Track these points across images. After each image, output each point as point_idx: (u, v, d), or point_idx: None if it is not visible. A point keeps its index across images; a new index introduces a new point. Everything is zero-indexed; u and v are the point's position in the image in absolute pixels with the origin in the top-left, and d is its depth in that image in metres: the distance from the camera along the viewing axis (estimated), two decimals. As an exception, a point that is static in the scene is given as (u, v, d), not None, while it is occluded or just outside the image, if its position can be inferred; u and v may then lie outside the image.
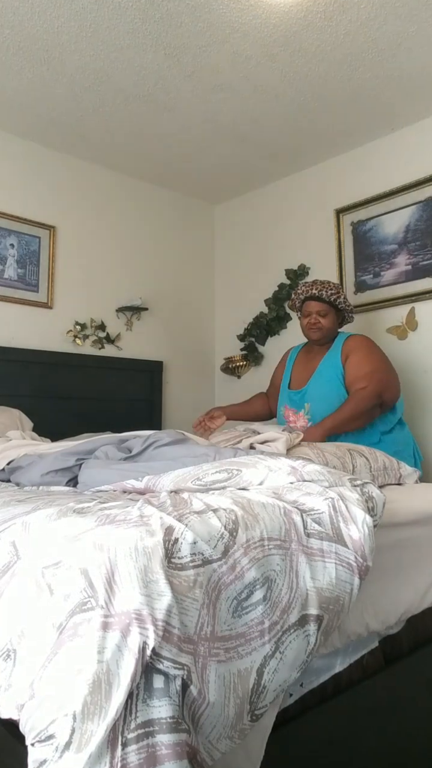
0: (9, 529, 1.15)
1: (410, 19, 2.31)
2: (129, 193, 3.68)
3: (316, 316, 2.53)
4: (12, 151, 3.19)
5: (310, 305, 2.54)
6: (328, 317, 2.53)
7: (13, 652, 0.94)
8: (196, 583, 0.93)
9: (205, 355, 4.02)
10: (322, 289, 2.51)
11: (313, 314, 2.54)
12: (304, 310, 2.58)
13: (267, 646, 0.98)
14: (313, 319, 2.53)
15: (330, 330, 2.56)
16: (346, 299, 2.56)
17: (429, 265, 2.96)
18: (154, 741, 0.80)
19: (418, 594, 1.51)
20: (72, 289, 3.36)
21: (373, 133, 3.18)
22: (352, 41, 2.42)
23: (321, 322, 2.53)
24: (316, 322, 2.53)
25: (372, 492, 1.28)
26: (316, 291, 2.52)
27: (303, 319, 2.60)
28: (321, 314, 2.52)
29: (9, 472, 1.93)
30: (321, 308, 2.52)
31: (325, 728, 1.23)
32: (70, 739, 0.78)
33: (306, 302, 2.57)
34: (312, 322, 2.54)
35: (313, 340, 2.60)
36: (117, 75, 2.65)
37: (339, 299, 2.52)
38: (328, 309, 2.53)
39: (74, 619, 0.87)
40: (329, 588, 1.09)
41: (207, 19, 2.30)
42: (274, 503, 1.16)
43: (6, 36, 2.39)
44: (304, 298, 2.57)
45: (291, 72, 2.63)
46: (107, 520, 1.06)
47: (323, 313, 2.52)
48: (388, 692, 1.40)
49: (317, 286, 2.53)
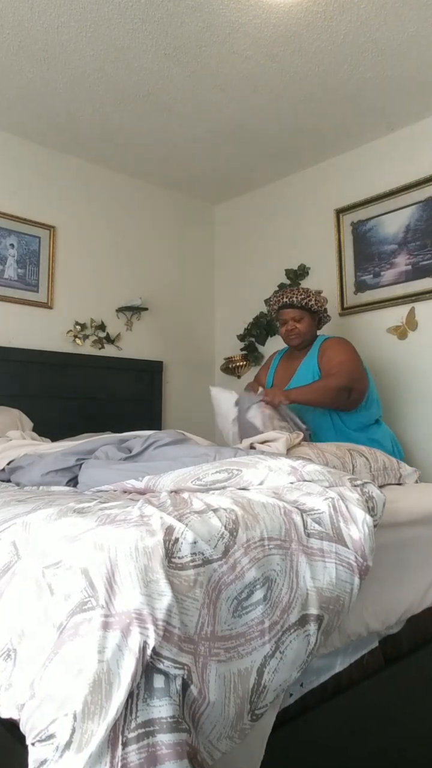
0: (9, 529, 1.15)
1: (410, 20, 2.31)
2: (129, 193, 3.68)
3: (293, 322, 2.63)
4: (12, 151, 3.19)
5: (285, 313, 2.64)
6: (304, 321, 2.62)
7: (13, 651, 0.94)
8: (197, 582, 0.93)
9: (205, 355, 4.02)
10: (292, 295, 2.61)
11: (289, 321, 2.63)
12: (281, 318, 2.68)
13: (267, 646, 0.98)
14: (290, 326, 2.64)
15: (308, 333, 2.65)
16: (318, 300, 2.63)
17: (429, 265, 2.96)
18: (155, 741, 0.80)
19: (418, 594, 1.51)
20: (72, 289, 3.36)
21: (373, 133, 3.18)
22: (352, 41, 2.42)
23: (298, 328, 2.63)
24: (293, 328, 2.63)
25: (372, 492, 1.28)
26: (287, 299, 2.61)
27: (281, 327, 2.70)
28: (296, 320, 2.62)
29: (9, 472, 1.93)
30: (295, 314, 2.62)
31: (325, 728, 1.23)
32: (71, 739, 0.78)
33: (280, 311, 2.67)
34: (289, 329, 2.64)
35: (294, 345, 2.69)
36: (117, 75, 2.65)
37: (310, 302, 2.60)
38: (302, 313, 2.62)
39: (75, 618, 0.87)
40: (329, 588, 1.09)
41: (207, 19, 2.30)
42: (274, 503, 1.16)
43: (6, 36, 2.39)
44: (278, 308, 2.66)
45: (291, 72, 2.63)
46: (107, 520, 1.06)
47: (298, 318, 2.62)
48: (388, 692, 1.40)
49: (287, 294, 2.62)
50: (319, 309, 2.62)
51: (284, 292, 2.64)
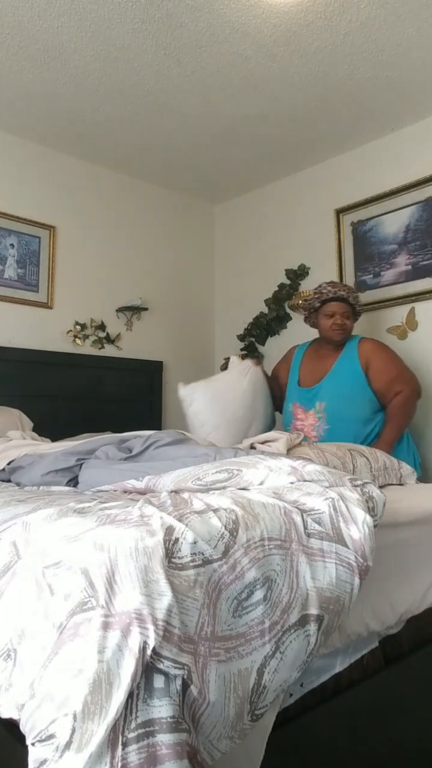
0: (9, 529, 1.15)
1: (410, 20, 2.31)
2: (129, 192, 3.68)
3: (341, 317, 2.53)
4: (12, 151, 3.19)
5: (335, 306, 2.53)
6: (351, 319, 2.56)
7: (13, 651, 0.94)
8: (197, 583, 0.93)
9: (205, 355, 4.02)
10: (349, 292, 2.52)
11: (338, 315, 2.53)
12: (327, 309, 2.55)
13: (267, 646, 0.98)
14: (339, 320, 2.53)
15: (351, 332, 2.59)
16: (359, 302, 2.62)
17: (429, 265, 2.96)
18: (155, 741, 0.80)
19: (418, 594, 1.51)
20: (72, 289, 3.36)
21: (373, 133, 3.18)
22: (352, 41, 2.42)
23: (346, 324, 2.54)
24: (342, 323, 2.53)
25: (372, 492, 1.28)
26: (344, 293, 2.52)
27: (324, 319, 2.57)
28: (345, 316, 2.53)
29: (9, 472, 1.93)
30: (346, 310, 2.53)
31: (325, 728, 1.23)
32: (71, 739, 0.78)
33: (329, 303, 2.55)
34: (338, 323, 2.53)
35: (336, 341, 2.58)
36: (117, 75, 2.65)
37: (358, 302, 2.57)
38: (351, 311, 2.55)
39: (75, 618, 0.87)
40: (329, 588, 1.09)
41: (207, 19, 2.30)
42: (274, 503, 1.16)
43: (6, 36, 2.39)
44: (329, 298, 2.54)
45: (291, 72, 2.63)
46: (108, 520, 1.06)
47: (347, 315, 2.54)
48: (388, 692, 1.40)
49: (344, 288, 2.53)
50: (360, 310, 2.59)
51: (340, 285, 2.56)
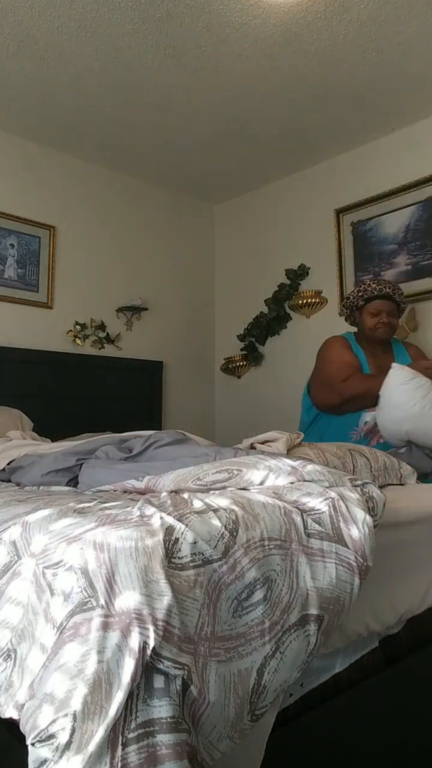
0: (9, 529, 1.15)
1: (410, 20, 2.31)
2: (129, 193, 3.68)
3: (387, 315, 2.47)
4: (12, 151, 3.19)
5: (382, 304, 2.47)
6: (396, 318, 2.50)
7: (13, 652, 0.94)
8: (197, 583, 0.93)
9: (205, 355, 4.02)
10: (395, 289, 2.45)
11: (384, 313, 2.47)
12: (372, 308, 2.49)
13: (267, 646, 0.98)
14: (385, 318, 2.46)
15: (396, 330, 2.51)
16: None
17: (429, 265, 2.96)
18: (155, 741, 0.80)
19: (419, 594, 1.51)
20: (72, 289, 3.36)
21: (373, 133, 3.18)
22: (352, 41, 2.42)
23: (393, 322, 2.48)
24: (389, 321, 2.47)
25: (372, 492, 1.28)
26: (389, 290, 2.45)
27: (368, 317, 2.50)
28: (392, 314, 2.47)
29: (9, 472, 1.93)
30: (392, 308, 2.48)
31: (325, 728, 1.23)
32: (71, 739, 0.78)
33: (374, 300, 2.48)
34: (384, 321, 2.46)
35: (383, 339, 2.51)
36: (117, 75, 2.65)
37: (404, 300, 2.49)
38: (396, 309, 2.50)
39: (74, 618, 0.87)
40: (329, 588, 1.09)
41: (207, 19, 2.30)
42: (274, 503, 1.16)
43: (6, 36, 2.39)
44: (376, 296, 2.47)
45: (291, 72, 2.63)
46: (108, 520, 1.05)
47: (393, 313, 2.48)
48: (388, 692, 1.40)
49: (390, 285, 2.46)
50: (404, 308, 2.51)
51: (386, 282, 2.47)
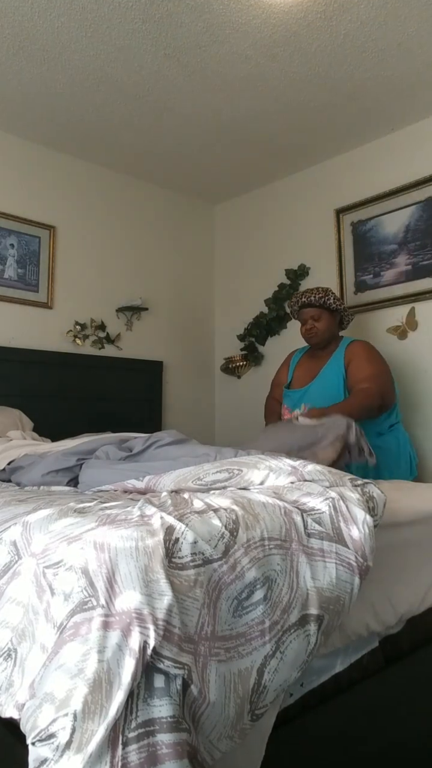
0: (10, 529, 1.15)
1: (410, 20, 2.31)
2: (129, 193, 3.68)
3: (311, 321, 2.64)
4: (12, 151, 3.19)
5: (304, 313, 2.66)
6: (322, 320, 2.63)
7: (13, 651, 0.94)
8: (197, 582, 0.93)
9: (205, 355, 4.02)
10: (310, 295, 2.62)
11: (308, 320, 2.64)
12: (301, 318, 2.69)
13: (267, 646, 0.98)
14: (309, 325, 2.65)
15: (327, 332, 2.64)
16: (337, 299, 2.63)
17: (429, 265, 2.96)
18: (155, 740, 0.80)
19: (419, 594, 1.51)
20: (72, 289, 3.36)
21: (373, 133, 3.18)
22: (352, 41, 2.42)
23: (316, 327, 2.63)
24: (312, 327, 2.64)
25: (373, 492, 1.28)
26: (305, 299, 2.63)
27: (301, 327, 2.71)
28: (315, 319, 2.63)
29: (10, 472, 1.93)
30: (314, 313, 2.63)
31: (325, 728, 1.23)
32: (71, 739, 0.78)
33: (300, 311, 2.68)
34: (308, 328, 2.65)
35: (313, 345, 2.69)
36: (117, 75, 2.65)
37: (328, 300, 2.60)
38: (321, 312, 2.62)
39: (75, 618, 0.87)
40: (329, 588, 1.09)
41: (207, 19, 2.30)
42: (274, 503, 1.16)
43: (6, 36, 2.39)
44: (298, 308, 2.68)
45: (291, 72, 2.63)
46: (108, 520, 1.05)
47: (317, 317, 2.63)
48: (388, 692, 1.40)
49: (306, 294, 2.64)
50: (339, 307, 2.62)
51: (303, 293, 2.66)
